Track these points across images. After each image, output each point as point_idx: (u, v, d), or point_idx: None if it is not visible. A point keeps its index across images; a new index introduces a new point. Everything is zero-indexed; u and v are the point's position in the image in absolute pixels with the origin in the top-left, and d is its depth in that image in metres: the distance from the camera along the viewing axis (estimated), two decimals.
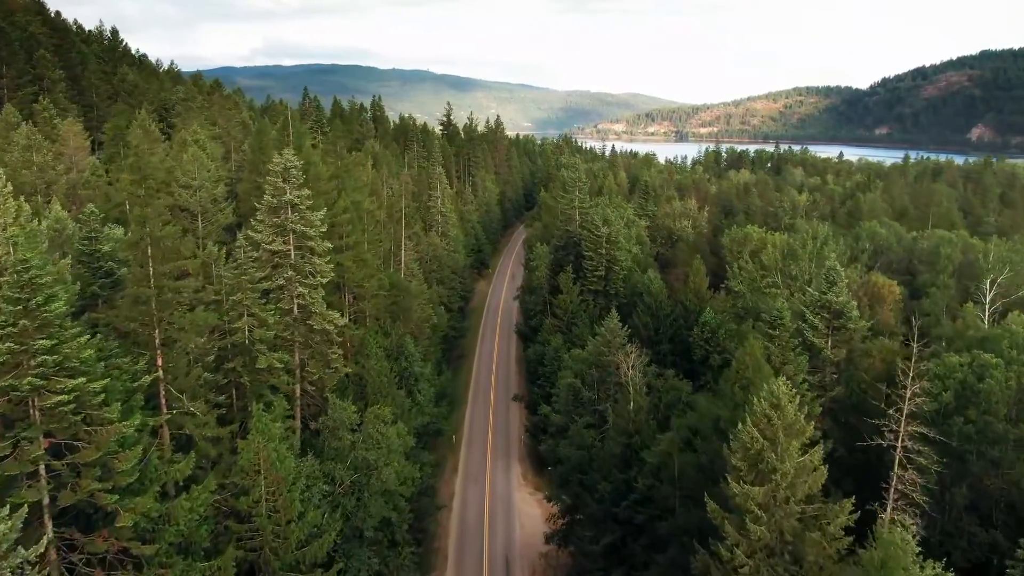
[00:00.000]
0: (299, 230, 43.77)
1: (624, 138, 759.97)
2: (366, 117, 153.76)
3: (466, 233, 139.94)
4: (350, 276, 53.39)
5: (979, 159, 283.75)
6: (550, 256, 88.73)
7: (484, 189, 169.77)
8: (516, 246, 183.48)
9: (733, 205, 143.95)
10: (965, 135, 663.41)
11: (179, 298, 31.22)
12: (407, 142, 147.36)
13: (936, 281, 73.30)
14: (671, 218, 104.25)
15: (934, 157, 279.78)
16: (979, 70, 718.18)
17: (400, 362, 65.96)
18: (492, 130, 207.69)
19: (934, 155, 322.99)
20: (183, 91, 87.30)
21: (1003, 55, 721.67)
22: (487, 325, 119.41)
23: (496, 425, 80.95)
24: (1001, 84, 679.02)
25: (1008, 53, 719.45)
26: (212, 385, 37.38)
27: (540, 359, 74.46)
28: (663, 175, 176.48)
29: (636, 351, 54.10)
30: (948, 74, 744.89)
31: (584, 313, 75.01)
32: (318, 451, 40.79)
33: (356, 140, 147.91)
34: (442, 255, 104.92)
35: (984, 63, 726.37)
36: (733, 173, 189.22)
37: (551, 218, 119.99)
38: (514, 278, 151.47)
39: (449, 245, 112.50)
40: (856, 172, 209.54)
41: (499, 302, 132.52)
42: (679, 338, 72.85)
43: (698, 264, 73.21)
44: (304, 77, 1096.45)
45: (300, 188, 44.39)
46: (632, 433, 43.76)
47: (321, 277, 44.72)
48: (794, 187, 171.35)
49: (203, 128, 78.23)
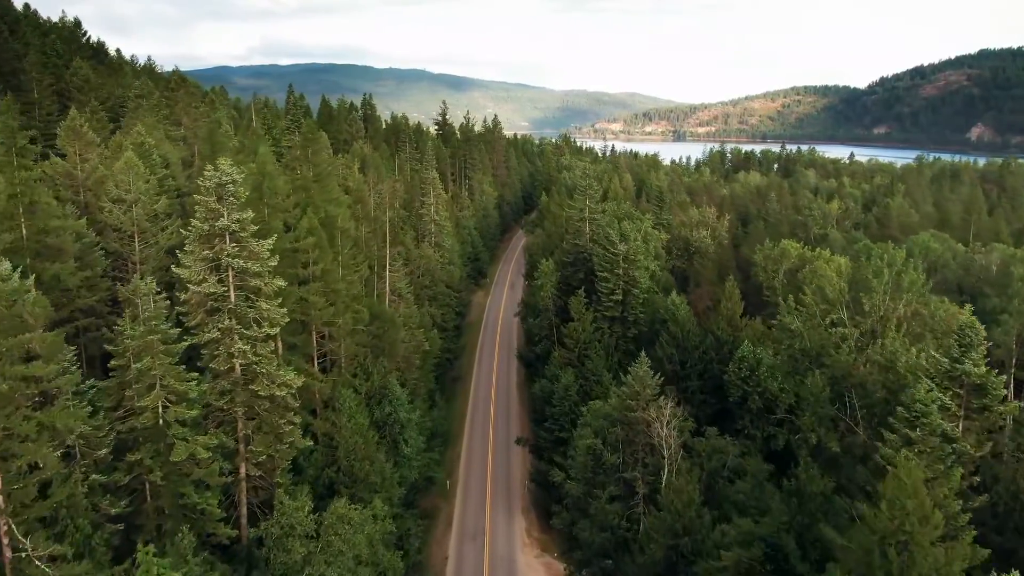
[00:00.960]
0: (239, 266, 32.75)
1: (622, 138, 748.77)
2: (355, 116, 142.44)
3: (462, 241, 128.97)
4: (317, 314, 42.42)
5: (997, 160, 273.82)
6: (556, 274, 77.74)
7: (481, 193, 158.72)
8: (515, 252, 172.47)
9: (749, 211, 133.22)
10: (964, 135, 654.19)
11: (23, 391, 20.24)
12: (399, 143, 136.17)
13: (1008, 307, 62.34)
14: (688, 228, 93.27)
15: (947, 158, 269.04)
16: (978, 69, 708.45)
17: (384, 407, 55.07)
18: (490, 130, 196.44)
19: (936, 155, 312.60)
20: (139, 86, 76.02)
21: (1002, 54, 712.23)
22: (485, 343, 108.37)
23: (496, 470, 69.80)
24: (1000, 83, 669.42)
25: (1007, 52, 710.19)
26: (108, 488, 26.52)
27: (548, 397, 63.53)
28: (670, 178, 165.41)
29: (671, 403, 43.36)
30: (947, 73, 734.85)
31: (599, 343, 64.09)
32: (260, 568, 29.84)
33: (345, 141, 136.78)
34: (435, 269, 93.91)
35: (983, 62, 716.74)
36: (743, 175, 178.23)
37: (555, 227, 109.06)
38: (514, 288, 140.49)
39: (444, 257, 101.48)
40: (873, 174, 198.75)
41: (498, 316, 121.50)
42: (710, 373, 62.04)
43: (732, 287, 62.33)
44: (300, 76, 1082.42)
45: (242, 210, 33.38)
46: (679, 532, 32.95)
47: (270, 326, 33.71)
48: (808, 190, 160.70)
49: (160, 128, 67.05)
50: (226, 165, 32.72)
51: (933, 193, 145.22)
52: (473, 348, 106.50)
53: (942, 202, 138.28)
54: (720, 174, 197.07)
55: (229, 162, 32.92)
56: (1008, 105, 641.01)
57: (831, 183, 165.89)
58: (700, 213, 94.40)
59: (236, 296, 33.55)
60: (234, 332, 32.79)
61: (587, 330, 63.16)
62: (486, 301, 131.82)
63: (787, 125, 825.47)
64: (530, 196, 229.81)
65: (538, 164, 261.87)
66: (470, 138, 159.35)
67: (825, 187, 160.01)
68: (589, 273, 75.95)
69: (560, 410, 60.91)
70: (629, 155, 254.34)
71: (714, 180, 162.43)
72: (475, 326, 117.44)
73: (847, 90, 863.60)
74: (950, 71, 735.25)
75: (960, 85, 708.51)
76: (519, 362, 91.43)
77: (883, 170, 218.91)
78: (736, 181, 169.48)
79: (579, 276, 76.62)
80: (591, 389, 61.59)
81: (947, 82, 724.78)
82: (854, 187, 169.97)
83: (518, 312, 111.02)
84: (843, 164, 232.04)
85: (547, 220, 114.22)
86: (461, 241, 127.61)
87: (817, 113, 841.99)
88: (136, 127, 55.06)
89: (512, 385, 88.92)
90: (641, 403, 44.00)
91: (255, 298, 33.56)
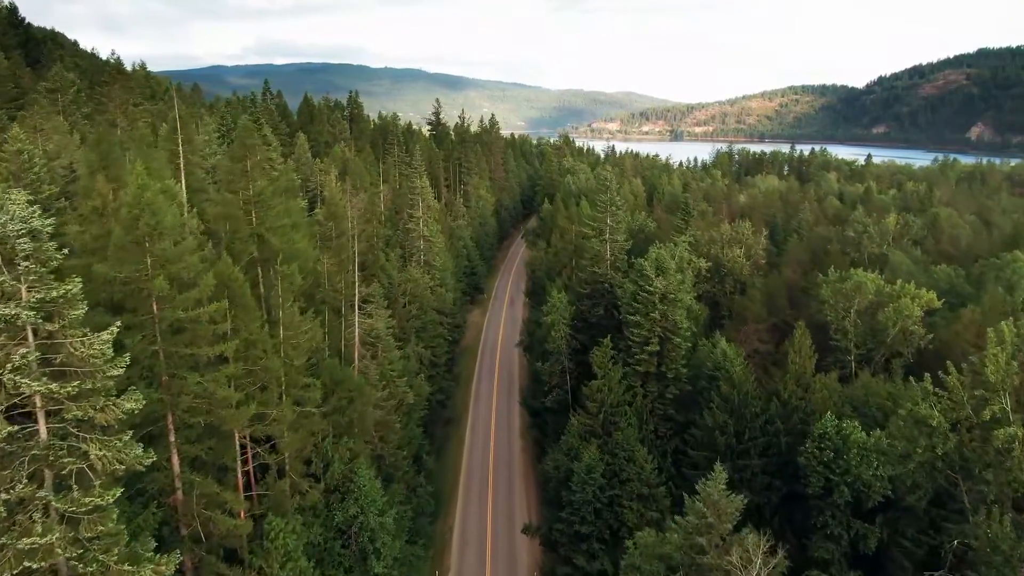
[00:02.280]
0: (42, 389, 17.92)
1: (619, 137, 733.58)
2: (338, 116, 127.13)
3: (456, 255, 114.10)
4: (230, 414, 27.58)
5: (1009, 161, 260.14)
6: (571, 308, 62.90)
7: (478, 199, 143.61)
8: (515, 262, 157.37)
9: (775, 222, 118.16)
10: (964, 134, 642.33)
11: None
12: (387, 145, 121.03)
13: None
14: (719, 245, 78.43)
15: (962, 160, 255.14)
16: (977, 68, 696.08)
17: (348, 507, 40.30)
18: (487, 130, 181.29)
19: (937, 155, 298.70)
20: (52, 77, 60.80)
21: (1001, 53, 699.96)
22: (483, 375, 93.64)
23: (496, 562, 54.79)
24: (1000, 83, 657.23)
25: (1006, 51, 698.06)
26: None
27: (565, 478, 48.71)
28: (682, 182, 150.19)
29: (763, 541, 28.73)
30: (946, 72, 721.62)
31: (629, 407, 49.27)
32: None
33: (327, 143, 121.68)
34: (424, 294, 79.02)
35: (982, 61, 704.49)
36: (760, 179, 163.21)
37: (563, 243, 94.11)
38: (514, 305, 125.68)
39: (434, 278, 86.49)
40: (898, 178, 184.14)
41: (497, 340, 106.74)
42: (775, 449, 47.47)
43: (802, 336, 47.55)
44: (295, 76, 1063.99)
45: (52, 287, 18.50)
46: None
47: (104, 491, 18.84)
48: (834, 196, 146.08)
49: (73, 130, 51.92)
50: (19, 202, 17.82)
51: (976, 202, 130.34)
52: (469, 381, 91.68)
53: (985, 211, 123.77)
54: (731, 177, 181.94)
55: (24, 196, 17.98)
56: (1008, 104, 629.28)
57: (855, 188, 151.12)
58: (733, 228, 79.49)
59: (48, 434, 18.69)
60: (36, 502, 17.96)
61: (615, 391, 48.35)
62: (483, 321, 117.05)
63: (785, 125, 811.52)
64: (530, 200, 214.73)
65: (537, 166, 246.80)
66: (465, 139, 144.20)
67: (852, 193, 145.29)
68: (611, 307, 61.18)
69: (582, 498, 46.12)
70: (630, 155, 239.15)
71: (729, 185, 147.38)
72: (471, 352, 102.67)
73: (845, 89, 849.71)
74: (949, 70, 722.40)
75: (959, 84, 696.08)
76: (522, 407, 76.71)
77: (900, 172, 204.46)
78: (752, 186, 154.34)
79: (598, 311, 61.86)
80: (620, 469, 46.88)
81: (946, 81, 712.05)
82: (883, 192, 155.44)
83: (520, 342, 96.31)
84: (858, 166, 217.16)
85: (553, 234, 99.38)
86: (455, 255, 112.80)
87: (815, 113, 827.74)
88: (12, 130, 40.20)
89: (515, 436, 74.03)
90: (714, 539, 29.32)
91: (79, 434, 18.70)
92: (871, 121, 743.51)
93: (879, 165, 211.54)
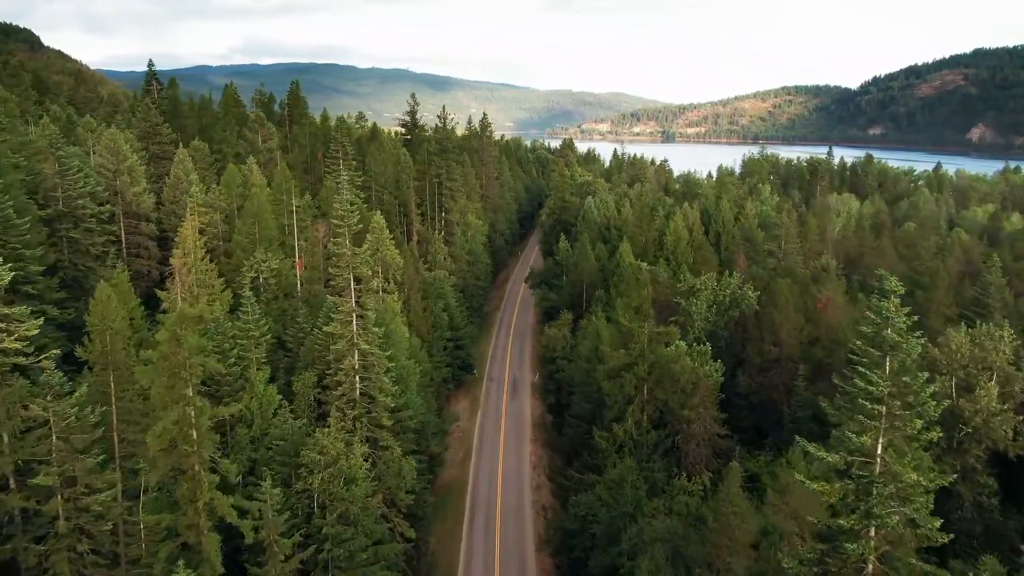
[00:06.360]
0: None
1: (609, 138, 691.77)
2: (260, 116, 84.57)
3: (434, 326, 72.80)
4: None
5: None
6: None
7: (465, 228, 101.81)
8: (514, 308, 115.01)
9: (865, 267, 77.15)
10: (965, 135, 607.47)
11: None
12: (328, 159, 79.00)
13: None
14: (947, 376, 38.25)
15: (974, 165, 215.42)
16: (974, 68, 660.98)
17: None
18: (476, 134, 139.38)
19: (940, 157, 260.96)
20: None
21: (998, 53, 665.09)
22: (474, 552, 52.56)
23: None
24: (999, 83, 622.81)
25: (1003, 51, 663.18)
26: None
27: None
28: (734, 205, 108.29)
29: None
30: (943, 72, 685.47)
31: None
32: None
33: (238, 155, 79.51)
34: (354, 470, 37.69)
35: (979, 61, 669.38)
36: (835, 200, 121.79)
37: (620, 336, 52.10)
38: (517, 392, 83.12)
39: (382, 407, 45.06)
40: (977, 192, 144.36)
41: (495, 470, 65.48)
42: None
43: None
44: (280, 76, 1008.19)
45: None
46: None
47: None
48: (942, 220, 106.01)
49: None
50: None
51: None
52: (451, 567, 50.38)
53: None
54: (780, 194, 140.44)
55: None
56: (1009, 105, 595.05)
57: (972, 213, 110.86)
58: (975, 343, 38.51)
59: None
60: None
61: None
62: (473, 426, 75.17)
63: (778, 126, 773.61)
64: (529, 217, 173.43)
65: (535, 175, 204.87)
66: (447, 149, 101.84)
67: (969, 220, 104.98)
68: None
69: None
70: (646, 161, 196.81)
71: (803, 213, 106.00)
72: (455, 496, 60.98)
73: (839, 90, 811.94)
74: (946, 70, 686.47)
75: (957, 85, 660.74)
76: None
77: (973, 184, 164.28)
78: (823, 209, 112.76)
79: None
80: None
81: (943, 82, 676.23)
82: (982, 212, 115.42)
83: (542, 480, 55.77)
84: (916, 175, 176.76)
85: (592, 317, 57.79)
86: (433, 326, 71.53)
87: (809, 113, 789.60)
88: None
89: None
90: None
91: None
92: (867, 122, 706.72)
93: (945, 174, 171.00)
